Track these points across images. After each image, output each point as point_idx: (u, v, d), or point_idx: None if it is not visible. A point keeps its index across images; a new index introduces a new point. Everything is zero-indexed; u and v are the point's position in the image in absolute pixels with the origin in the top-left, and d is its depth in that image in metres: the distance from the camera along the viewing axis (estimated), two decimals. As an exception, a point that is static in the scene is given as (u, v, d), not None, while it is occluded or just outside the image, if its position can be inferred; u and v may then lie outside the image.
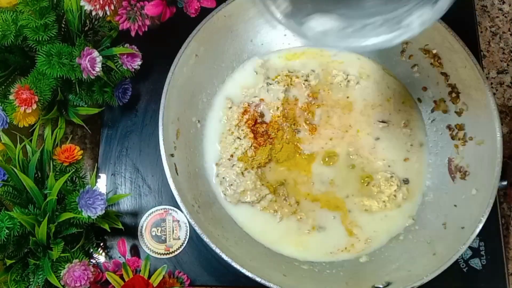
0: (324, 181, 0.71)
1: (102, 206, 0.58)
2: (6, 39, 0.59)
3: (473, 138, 0.68)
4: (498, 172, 0.62)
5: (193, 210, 0.62)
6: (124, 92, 0.72)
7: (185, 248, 0.70)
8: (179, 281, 0.66)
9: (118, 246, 0.67)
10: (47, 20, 0.60)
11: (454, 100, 0.71)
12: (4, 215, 0.55)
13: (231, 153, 0.71)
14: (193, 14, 0.69)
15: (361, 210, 0.70)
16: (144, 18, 0.66)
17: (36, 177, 0.62)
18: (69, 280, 0.56)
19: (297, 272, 0.65)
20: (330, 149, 0.73)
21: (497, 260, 0.70)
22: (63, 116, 0.69)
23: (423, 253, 0.64)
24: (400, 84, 0.77)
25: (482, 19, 0.87)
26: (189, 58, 0.68)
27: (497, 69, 0.84)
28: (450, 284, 0.69)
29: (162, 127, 0.63)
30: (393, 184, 0.70)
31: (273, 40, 0.78)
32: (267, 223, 0.69)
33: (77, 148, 0.64)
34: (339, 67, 0.77)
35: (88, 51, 0.61)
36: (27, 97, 0.60)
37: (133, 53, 0.67)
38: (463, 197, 0.66)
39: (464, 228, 0.62)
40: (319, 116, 0.75)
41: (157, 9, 0.66)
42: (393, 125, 0.75)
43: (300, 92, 0.76)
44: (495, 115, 0.64)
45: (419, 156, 0.73)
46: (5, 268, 0.58)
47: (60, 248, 0.58)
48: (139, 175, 0.73)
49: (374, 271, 0.65)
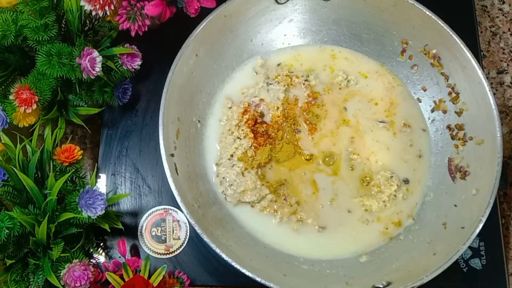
0: (324, 181, 0.71)
1: (102, 206, 0.58)
2: (6, 39, 0.59)
3: (473, 138, 0.68)
4: (498, 172, 0.62)
5: (193, 210, 0.62)
6: (124, 92, 0.72)
7: (185, 248, 0.70)
8: (179, 281, 0.66)
9: (118, 246, 0.66)
10: (47, 20, 0.60)
11: (454, 100, 0.71)
12: (4, 215, 0.55)
13: (231, 153, 0.71)
14: (193, 14, 0.69)
15: (361, 210, 0.70)
16: (144, 18, 0.66)
17: (36, 177, 0.62)
18: (69, 280, 0.56)
19: (297, 272, 0.65)
20: (330, 149, 0.73)
21: (497, 260, 0.70)
22: (63, 116, 0.69)
23: (423, 253, 0.64)
24: (400, 84, 0.77)
25: (482, 19, 0.87)
26: (189, 58, 0.68)
27: (497, 69, 0.84)
28: (450, 284, 0.69)
29: (162, 127, 0.63)
30: (393, 184, 0.70)
31: (273, 40, 0.78)
32: (267, 223, 0.69)
33: (77, 148, 0.64)
34: (339, 67, 0.77)
35: (88, 51, 0.61)
36: (27, 97, 0.60)
37: (133, 53, 0.67)
38: (463, 197, 0.66)
39: (464, 228, 0.62)
40: (319, 116, 0.75)
41: (157, 9, 0.66)
42: (393, 124, 0.75)
43: (300, 92, 0.76)
44: (495, 115, 0.64)
45: (419, 156, 0.73)
46: (5, 268, 0.58)
47: (60, 248, 0.58)
48: (139, 175, 0.73)
49: (374, 271, 0.65)
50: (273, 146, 0.72)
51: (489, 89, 0.65)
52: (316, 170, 0.72)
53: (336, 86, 0.76)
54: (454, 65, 0.69)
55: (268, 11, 0.74)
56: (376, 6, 0.72)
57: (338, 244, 0.69)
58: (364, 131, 0.74)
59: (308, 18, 0.77)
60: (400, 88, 0.77)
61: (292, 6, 0.75)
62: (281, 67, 0.77)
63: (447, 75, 0.71)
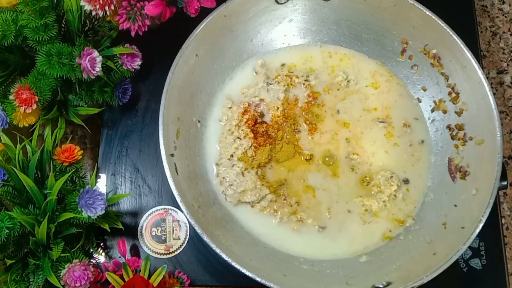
0: (324, 181, 0.71)
1: (102, 206, 0.58)
2: (6, 39, 0.59)
3: (473, 138, 0.68)
4: (498, 172, 0.62)
5: (193, 210, 0.62)
6: (124, 92, 0.72)
7: (185, 248, 0.70)
8: (179, 281, 0.66)
9: (118, 246, 0.66)
10: (47, 20, 0.60)
11: (454, 100, 0.71)
12: (4, 215, 0.55)
13: (231, 153, 0.71)
14: (193, 14, 0.69)
15: (361, 210, 0.70)
16: (144, 18, 0.66)
17: (36, 177, 0.62)
18: (69, 280, 0.56)
19: (297, 272, 0.65)
20: (330, 149, 0.73)
21: (497, 260, 0.70)
22: (63, 116, 0.69)
23: (423, 253, 0.64)
24: (400, 84, 0.77)
25: (482, 19, 0.87)
26: (189, 58, 0.68)
27: (497, 69, 0.84)
28: (450, 284, 0.69)
29: (162, 127, 0.63)
30: (393, 184, 0.70)
31: (273, 40, 0.78)
32: (267, 223, 0.69)
33: (77, 148, 0.64)
34: (339, 67, 0.77)
35: (88, 51, 0.61)
36: (27, 97, 0.60)
37: (133, 53, 0.67)
38: (463, 197, 0.66)
39: (464, 228, 0.62)
40: (319, 116, 0.75)
41: (157, 9, 0.66)
42: (393, 124, 0.75)
43: (300, 92, 0.76)
44: (495, 115, 0.64)
45: (419, 156, 0.73)
46: (5, 268, 0.58)
47: (60, 248, 0.58)
48: (139, 175, 0.73)
49: (374, 271, 0.65)
50: (273, 146, 0.72)
51: (489, 89, 0.65)
52: (316, 170, 0.72)
53: (336, 86, 0.76)
54: (454, 65, 0.69)
55: (268, 11, 0.74)
56: (376, 6, 0.72)
57: (338, 244, 0.69)
58: (364, 131, 0.74)
59: (308, 18, 0.77)
60: (400, 88, 0.77)
61: (292, 6, 0.75)
62: (281, 67, 0.77)
63: (447, 75, 0.71)
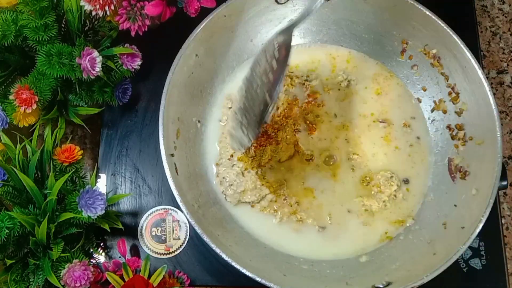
0: (324, 181, 0.71)
1: (102, 206, 0.58)
2: (6, 39, 0.59)
3: (473, 138, 0.68)
4: (498, 172, 0.62)
5: (193, 210, 0.62)
6: (124, 92, 0.72)
7: (185, 248, 0.70)
8: (179, 281, 0.66)
9: (118, 246, 0.66)
10: (47, 20, 0.60)
11: (454, 100, 0.71)
12: (4, 215, 0.55)
13: (231, 153, 0.71)
14: (193, 14, 0.69)
15: (361, 210, 0.70)
16: (144, 18, 0.66)
17: (36, 177, 0.62)
18: (69, 280, 0.56)
19: (297, 272, 0.65)
20: (330, 149, 0.73)
21: (497, 260, 0.70)
22: (63, 116, 0.69)
23: (423, 253, 0.64)
24: (400, 84, 0.77)
25: (482, 19, 0.87)
26: (189, 58, 0.68)
27: (497, 69, 0.84)
28: (450, 284, 0.69)
29: (162, 127, 0.63)
30: (393, 184, 0.70)
31: (273, 40, 0.78)
32: (267, 223, 0.69)
33: (77, 148, 0.64)
34: (340, 67, 0.77)
35: (88, 51, 0.61)
36: (27, 97, 0.60)
37: (133, 53, 0.67)
38: (463, 197, 0.66)
39: (464, 228, 0.62)
40: (319, 116, 0.75)
41: (157, 9, 0.66)
42: (393, 124, 0.75)
43: (300, 92, 0.76)
44: (495, 115, 0.64)
45: (419, 156, 0.73)
46: (5, 268, 0.58)
47: (60, 248, 0.58)
48: (139, 175, 0.73)
49: (374, 271, 0.65)
50: (273, 146, 0.72)
51: (489, 89, 0.65)
52: (316, 170, 0.72)
53: (336, 86, 0.76)
54: (454, 65, 0.69)
55: (268, 11, 0.74)
56: (376, 6, 0.72)
57: (338, 244, 0.69)
58: (364, 131, 0.74)
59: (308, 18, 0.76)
60: (400, 88, 0.77)
61: (292, 6, 0.75)
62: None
63: (447, 75, 0.71)
